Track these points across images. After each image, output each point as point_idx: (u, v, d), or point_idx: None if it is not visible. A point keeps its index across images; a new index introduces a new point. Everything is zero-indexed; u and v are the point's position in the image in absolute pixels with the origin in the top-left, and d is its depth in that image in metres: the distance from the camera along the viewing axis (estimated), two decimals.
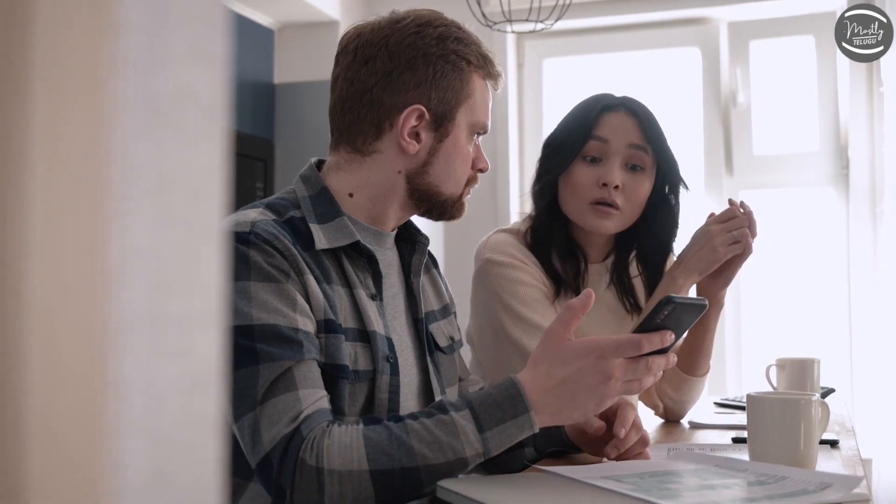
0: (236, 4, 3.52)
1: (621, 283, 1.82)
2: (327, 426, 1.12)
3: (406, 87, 1.30)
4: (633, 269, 1.85)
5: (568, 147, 1.73)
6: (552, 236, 1.75)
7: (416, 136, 1.31)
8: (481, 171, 1.40)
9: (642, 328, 1.15)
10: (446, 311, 1.50)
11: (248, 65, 3.55)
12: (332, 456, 1.09)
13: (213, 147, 0.39)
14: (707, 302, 1.20)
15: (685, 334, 1.20)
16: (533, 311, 1.67)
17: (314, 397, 1.15)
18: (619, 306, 1.83)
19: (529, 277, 1.70)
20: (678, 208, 1.79)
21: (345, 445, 1.09)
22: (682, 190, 1.78)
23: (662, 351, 1.16)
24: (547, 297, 1.71)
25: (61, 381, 0.36)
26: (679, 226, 1.81)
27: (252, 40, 3.58)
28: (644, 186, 1.72)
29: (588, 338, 1.16)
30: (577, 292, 1.72)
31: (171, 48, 0.38)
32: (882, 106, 3.24)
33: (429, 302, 1.45)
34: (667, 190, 1.77)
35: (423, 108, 1.30)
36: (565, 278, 1.74)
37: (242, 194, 3.28)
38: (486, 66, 1.36)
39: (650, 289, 1.81)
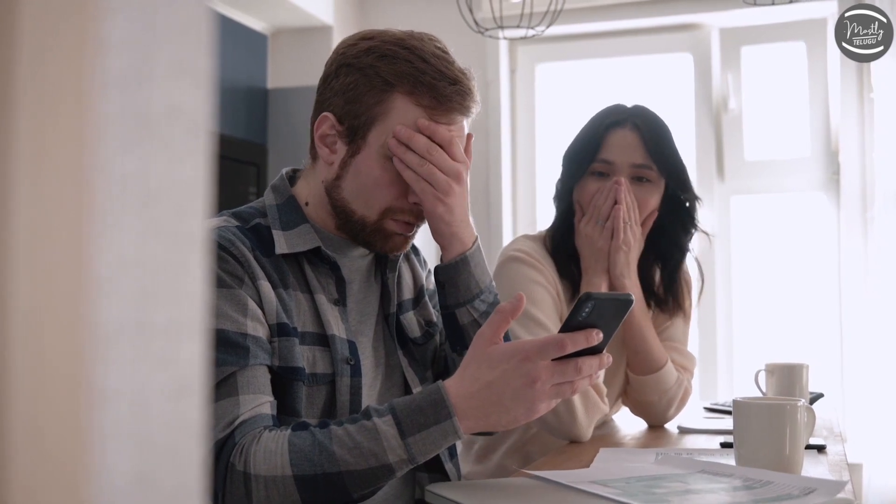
0: (230, 10, 3.52)
1: (641, 283, 1.90)
2: (260, 432, 1.13)
3: (329, 93, 1.31)
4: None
5: (577, 163, 1.86)
6: (568, 239, 1.87)
7: (332, 145, 1.31)
8: (416, 204, 1.31)
9: (566, 328, 1.11)
10: (420, 295, 1.49)
11: (242, 70, 3.56)
12: (258, 462, 1.10)
13: (198, 161, 0.40)
14: (632, 297, 1.17)
15: (616, 331, 1.17)
16: (538, 309, 1.76)
17: (254, 402, 1.16)
18: (641, 305, 1.90)
19: (542, 278, 1.82)
20: (691, 211, 1.91)
21: (270, 451, 1.11)
22: (694, 194, 1.91)
23: (596, 351, 1.14)
24: (555, 301, 1.82)
25: (48, 387, 0.37)
26: (696, 227, 1.93)
27: (246, 45, 3.59)
28: (652, 197, 1.85)
29: (514, 341, 1.14)
30: None
31: (157, 64, 0.39)
32: (873, 112, 3.26)
33: (403, 292, 1.45)
34: (679, 196, 1.89)
35: (333, 116, 1.29)
36: (579, 280, 1.85)
37: (235, 198, 3.29)
38: (420, 92, 1.26)
39: (668, 290, 1.93)
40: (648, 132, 1.83)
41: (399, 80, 1.26)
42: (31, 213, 0.35)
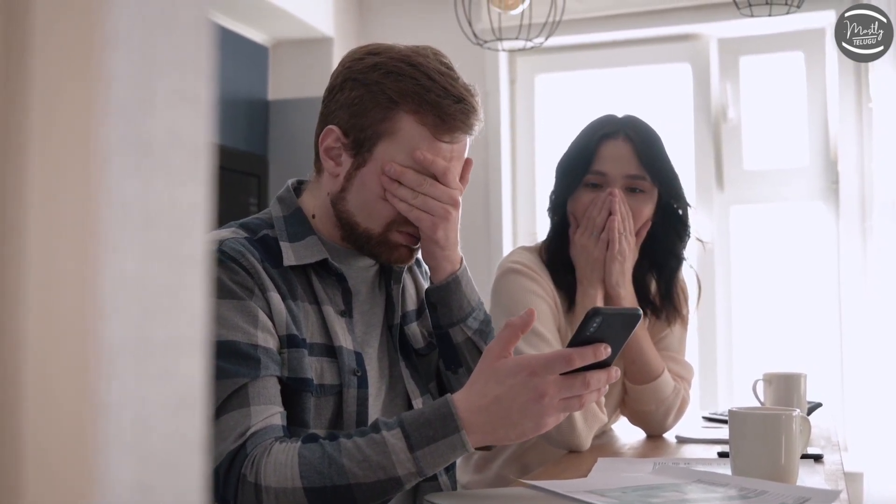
0: (231, 22, 3.55)
1: (637, 292, 1.91)
2: (271, 443, 1.15)
3: (334, 106, 1.32)
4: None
5: (571, 175, 1.86)
6: (563, 251, 1.88)
7: (337, 157, 1.32)
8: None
9: (574, 342, 1.13)
10: (423, 306, 1.50)
11: (243, 81, 3.58)
12: (269, 473, 1.12)
13: (198, 184, 0.42)
14: (640, 311, 1.18)
15: (623, 346, 1.19)
16: (537, 320, 1.75)
17: (265, 413, 1.17)
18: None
19: (540, 290, 1.83)
20: (685, 219, 1.92)
21: (280, 463, 1.12)
22: (686, 202, 1.92)
23: (603, 365, 1.15)
24: (553, 311, 1.82)
25: (54, 402, 0.39)
26: (689, 234, 1.93)
27: (246, 57, 3.61)
28: (646, 207, 1.86)
29: (522, 356, 1.15)
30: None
31: (158, 93, 0.40)
32: (871, 121, 3.27)
33: (407, 303, 1.46)
34: (672, 204, 1.90)
35: (338, 129, 1.31)
36: (575, 290, 1.86)
37: (236, 210, 3.30)
38: (424, 111, 1.27)
39: (665, 299, 1.93)
40: (641, 143, 1.84)
41: (404, 98, 1.27)
42: (39, 235, 0.37)
